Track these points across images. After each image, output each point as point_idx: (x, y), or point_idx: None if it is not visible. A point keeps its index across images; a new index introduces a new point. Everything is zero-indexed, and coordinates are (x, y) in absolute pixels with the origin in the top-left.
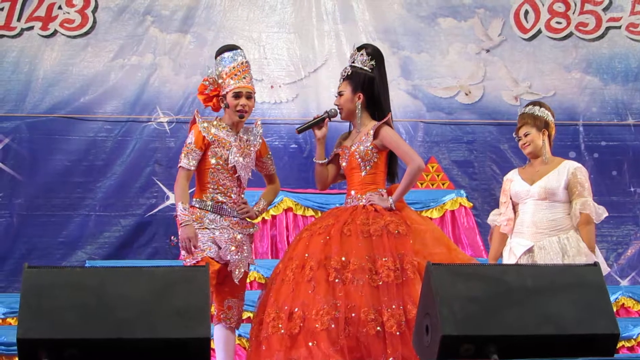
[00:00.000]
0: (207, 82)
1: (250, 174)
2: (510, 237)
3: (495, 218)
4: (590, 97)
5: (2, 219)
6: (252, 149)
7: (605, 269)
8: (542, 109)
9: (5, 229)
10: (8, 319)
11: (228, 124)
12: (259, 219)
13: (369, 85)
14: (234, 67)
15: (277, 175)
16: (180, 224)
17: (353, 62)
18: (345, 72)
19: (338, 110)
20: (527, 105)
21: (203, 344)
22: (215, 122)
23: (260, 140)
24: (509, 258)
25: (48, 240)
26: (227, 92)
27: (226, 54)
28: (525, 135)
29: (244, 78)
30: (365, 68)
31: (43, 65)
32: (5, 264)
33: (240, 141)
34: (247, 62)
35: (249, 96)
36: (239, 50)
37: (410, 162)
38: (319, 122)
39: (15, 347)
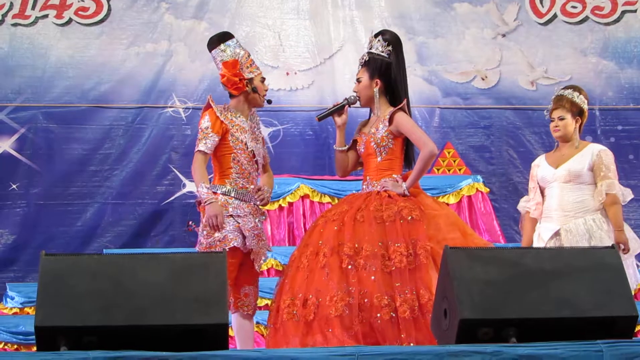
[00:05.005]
0: (237, 65)
1: (262, 160)
2: (539, 223)
3: (524, 204)
4: (606, 81)
5: (18, 209)
6: (260, 136)
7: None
8: (581, 96)
9: (22, 218)
10: (26, 309)
11: (239, 110)
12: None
13: (386, 71)
14: (249, 54)
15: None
16: (205, 202)
17: (370, 49)
18: (362, 58)
19: (357, 97)
20: (567, 88)
21: (221, 329)
22: (228, 108)
23: (261, 129)
24: (537, 243)
25: (65, 230)
26: (254, 76)
27: (231, 42)
28: (560, 119)
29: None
30: (382, 54)
31: (58, 54)
32: (22, 253)
33: (251, 128)
34: None
35: None
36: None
37: (423, 148)
38: (338, 109)
39: (34, 337)
